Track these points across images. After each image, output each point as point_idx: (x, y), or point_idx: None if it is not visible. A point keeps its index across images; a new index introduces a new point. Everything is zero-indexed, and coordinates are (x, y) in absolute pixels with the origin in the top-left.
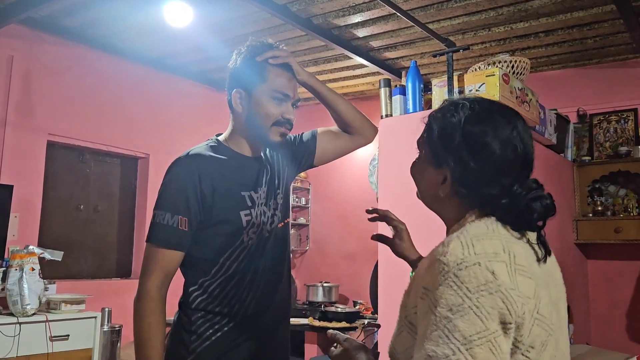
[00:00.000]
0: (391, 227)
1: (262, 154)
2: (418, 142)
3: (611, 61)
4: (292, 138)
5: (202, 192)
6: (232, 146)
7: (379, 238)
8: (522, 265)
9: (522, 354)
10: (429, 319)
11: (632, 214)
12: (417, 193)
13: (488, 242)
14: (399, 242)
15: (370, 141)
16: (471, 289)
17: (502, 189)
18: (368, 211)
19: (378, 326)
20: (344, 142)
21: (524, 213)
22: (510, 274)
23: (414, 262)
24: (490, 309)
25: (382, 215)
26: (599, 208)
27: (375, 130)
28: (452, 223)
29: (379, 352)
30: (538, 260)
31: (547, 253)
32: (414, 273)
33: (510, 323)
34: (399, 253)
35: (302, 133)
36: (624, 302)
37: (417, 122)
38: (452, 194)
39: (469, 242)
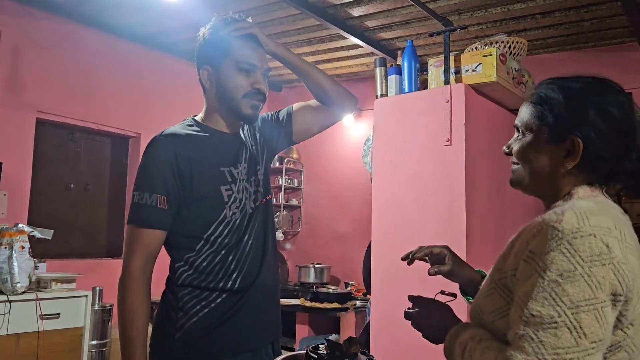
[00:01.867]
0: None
1: (240, 131)
2: (519, 125)
3: (607, 45)
4: (269, 116)
5: (180, 169)
6: (208, 123)
7: (437, 273)
8: (631, 244)
9: (622, 330)
10: (535, 281)
11: None
12: (512, 180)
13: (601, 217)
14: (456, 269)
15: (350, 112)
16: (584, 258)
17: (630, 155)
18: (403, 259)
19: (454, 295)
20: (322, 115)
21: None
22: (622, 249)
23: (470, 278)
24: (601, 279)
25: (422, 257)
26: None
27: (354, 101)
28: (555, 200)
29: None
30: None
31: None
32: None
33: (621, 295)
34: (461, 277)
35: (279, 110)
36: None
37: (413, 102)
38: (571, 169)
39: (584, 215)
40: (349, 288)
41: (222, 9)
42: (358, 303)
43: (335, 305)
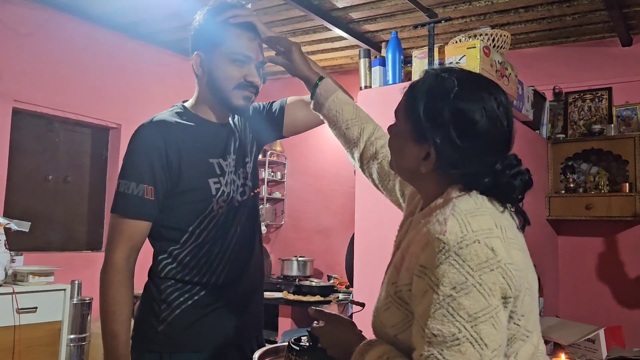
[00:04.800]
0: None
1: (230, 121)
2: (396, 113)
3: (588, 40)
4: (261, 106)
5: (168, 159)
6: (198, 112)
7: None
8: (512, 238)
9: (515, 323)
10: (431, 298)
11: (602, 191)
12: (390, 165)
13: (481, 217)
14: (289, 62)
15: None
16: (473, 267)
17: (486, 166)
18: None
19: (362, 305)
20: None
21: (505, 190)
22: (506, 249)
23: (309, 78)
24: (492, 285)
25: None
26: (571, 185)
27: None
28: (432, 197)
29: (361, 331)
30: (518, 229)
31: (527, 222)
32: (401, 245)
33: (510, 297)
34: (294, 73)
35: (273, 102)
36: (591, 277)
37: (396, 94)
38: (433, 170)
39: (465, 220)
40: (331, 281)
41: None
42: (341, 296)
43: (318, 298)
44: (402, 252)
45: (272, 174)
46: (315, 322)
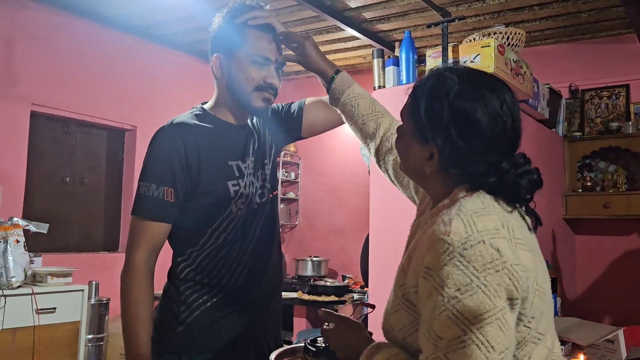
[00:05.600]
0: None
1: (248, 122)
2: (402, 114)
3: (604, 36)
4: (280, 107)
5: (188, 162)
6: (217, 114)
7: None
8: (520, 238)
9: (525, 325)
10: (436, 300)
11: (620, 189)
12: (400, 165)
13: (487, 217)
14: (303, 58)
15: None
16: (478, 268)
17: (491, 166)
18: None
19: (373, 307)
20: (334, 112)
21: (512, 190)
22: (512, 249)
23: (325, 72)
24: (497, 286)
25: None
26: (589, 184)
27: None
28: (440, 197)
29: (371, 332)
30: (529, 229)
31: (539, 222)
32: (409, 246)
33: (517, 299)
34: (309, 67)
35: (291, 103)
36: (609, 276)
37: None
38: (438, 170)
39: (470, 220)
40: (346, 281)
41: (219, 1)
42: (355, 296)
43: (332, 298)
44: (409, 253)
45: (286, 174)
46: (326, 323)
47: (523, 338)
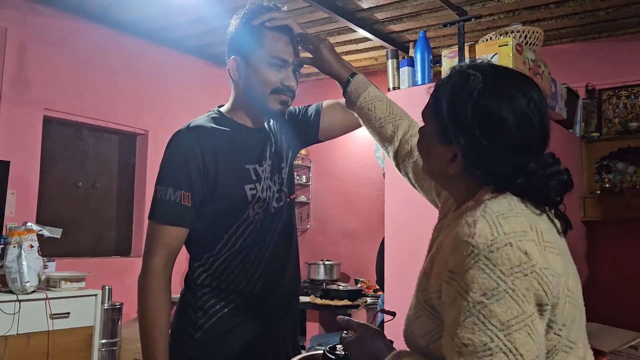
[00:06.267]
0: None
1: (265, 126)
2: (423, 114)
3: (622, 34)
4: (297, 110)
5: (205, 165)
6: (234, 117)
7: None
8: (550, 242)
9: (555, 333)
10: (460, 305)
11: None
12: (422, 168)
13: (514, 219)
14: (319, 60)
15: None
16: (505, 272)
17: (518, 167)
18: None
19: (393, 314)
20: (352, 115)
21: (540, 191)
22: (541, 253)
23: (341, 75)
24: (525, 291)
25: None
26: (607, 185)
27: None
28: (464, 200)
29: (392, 341)
30: (559, 233)
31: (569, 226)
32: (432, 250)
33: (547, 304)
34: (325, 70)
35: (308, 105)
36: (630, 280)
37: (425, 95)
38: (462, 171)
39: (496, 221)
40: (359, 285)
41: (229, 3)
42: (369, 300)
43: (345, 302)
44: (432, 257)
45: (297, 177)
46: (345, 331)
47: (553, 346)
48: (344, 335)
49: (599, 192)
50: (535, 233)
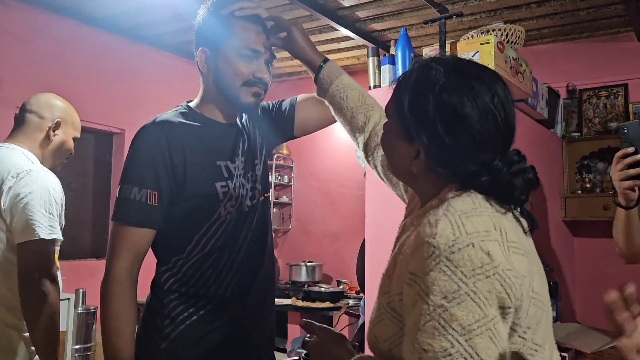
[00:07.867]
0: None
1: (237, 121)
2: (386, 110)
3: (602, 35)
4: (270, 105)
5: (173, 162)
6: (204, 112)
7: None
8: (514, 241)
9: (520, 336)
10: (421, 309)
11: None
12: (386, 165)
13: (477, 218)
14: (290, 44)
15: None
16: (466, 273)
17: (482, 164)
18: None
19: (358, 317)
20: (328, 109)
21: (505, 189)
22: (504, 253)
23: (313, 61)
24: (487, 293)
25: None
26: (588, 185)
27: None
28: (429, 198)
29: (357, 344)
30: (524, 232)
31: (535, 225)
32: (394, 250)
33: (509, 307)
34: (296, 54)
35: (282, 100)
36: (610, 280)
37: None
38: (426, 169)
39: (459, 221)
40: (341, 286)
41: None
42: (351, 302)
43: (327, 304)
44: (394, 257)
45: (279, 177)
46: (308, 335)
47: (518, 350)
48: (306, 339)
49: (579, 191)
50: (498, 233)
